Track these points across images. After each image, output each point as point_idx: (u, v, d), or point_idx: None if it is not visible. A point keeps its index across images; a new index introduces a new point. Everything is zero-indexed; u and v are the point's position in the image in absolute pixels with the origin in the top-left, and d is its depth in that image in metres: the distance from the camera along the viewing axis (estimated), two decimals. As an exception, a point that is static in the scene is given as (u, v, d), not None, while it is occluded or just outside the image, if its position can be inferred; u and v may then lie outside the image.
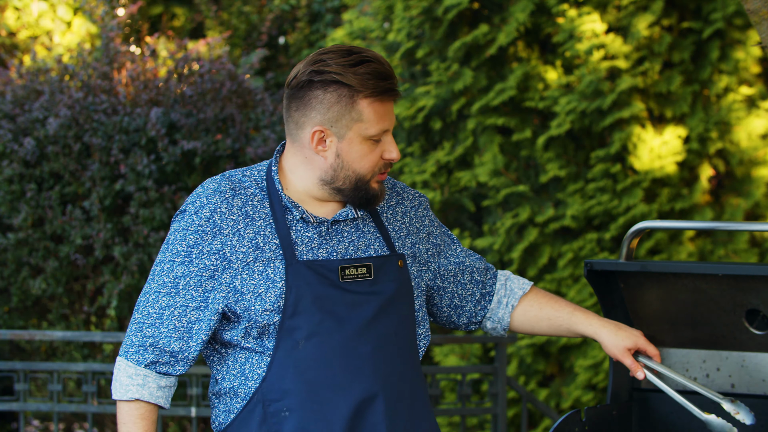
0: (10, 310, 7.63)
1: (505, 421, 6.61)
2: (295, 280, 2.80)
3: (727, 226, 4.25)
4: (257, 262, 2.81)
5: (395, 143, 2.85)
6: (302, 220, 2.85)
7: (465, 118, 7.88)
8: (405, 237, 2.96)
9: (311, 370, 2.79)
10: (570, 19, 7.45)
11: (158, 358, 2.83)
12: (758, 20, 3.30)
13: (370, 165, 2.83)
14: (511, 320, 3.10)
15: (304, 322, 2.79)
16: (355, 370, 2.80)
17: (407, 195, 3.03)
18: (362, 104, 2.79)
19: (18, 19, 10.68)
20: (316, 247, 2.84)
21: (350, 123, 2.80)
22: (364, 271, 2.85)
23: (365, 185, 2.84)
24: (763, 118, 7.54)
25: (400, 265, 2.90)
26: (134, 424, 2.82)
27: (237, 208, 2.84)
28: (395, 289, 2.88)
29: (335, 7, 11.92)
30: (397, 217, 2.98)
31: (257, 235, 2.82)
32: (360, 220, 2.91)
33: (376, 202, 2.88)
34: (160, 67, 7.90)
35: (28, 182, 7.46)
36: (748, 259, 7.42)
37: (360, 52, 2.80)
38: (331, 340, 2.80)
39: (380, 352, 2.83)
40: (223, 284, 2.81)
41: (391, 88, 2.80)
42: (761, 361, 3.34)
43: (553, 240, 7.62)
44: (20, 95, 7.74)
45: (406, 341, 2.89)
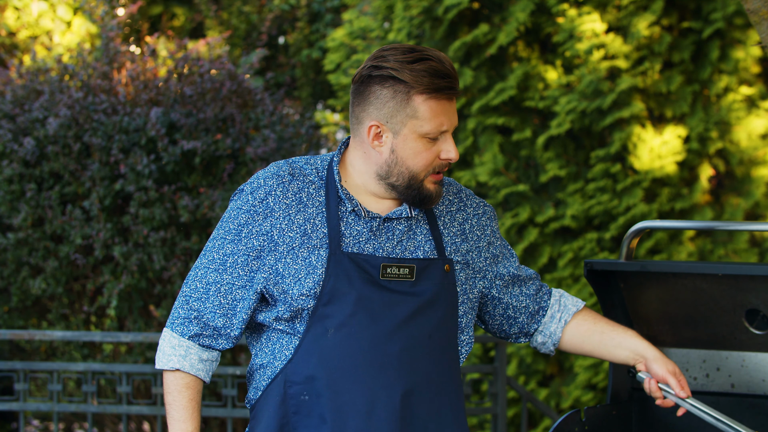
0: (10, 310, 7.63)
1: (505, 420, 6.61)
2: (335, 270, 2.82)
3: (727, 226, 4.25)
4: (302, 248, 2.83)
5: (454, 144, 2.85)
6: (354, 213, 2.87)
7: (465, 117, 7.88)
8: (460, 243, 2.95)
9: (335, 360, 2.80)
10: (570, 18, 7.45)
11: (202, 331, 2.86)
12: (758, 20, 3.30)
13: (424, 163, 2.84)
14: (562, 335, 3.08)
15: (337, 312, 2.81)
16: (379, 367, 2.81)
17: (471, 202, 3.03)
18: (417, 101, 2.80)
19: (18, 19, 10.69)
20: (364, 242, 2.85)
21: (405, 119, 2.81)
22: (406, 272, 2.85)
23: (419, 183, 2.85)
24: (763, 118, 7.54)
25: (446, 269, 2.90)
26: (179, 392, 2.86)
27: (292, 193, 2.86)
28: (436, 293, 2.88)
29: (335, 6, 11.93)
30: (455, 222, 2.97)
31: (307, 222, 2.85)
32: (414, 221, 2.91)
33: (431, 203, 2.88)
34: (160, 67, 7.90)
35: (28, 182, 7.46)
36: (748, 259, 7.42)
37: (421, 51, 2.82)
38: (360, 333, 2.81)
39: (409, 354, 2.83)
40: (266, 266, 2.84)
41: (448, 87, 2.80)
42: (761, 361, 3.34)
43: (553, 240, 7.62)
44: (20, 95, 7.73)
45: (442, 346, 2.89)
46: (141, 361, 7.29)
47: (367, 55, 8.56)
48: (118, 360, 7.54)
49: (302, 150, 7.96)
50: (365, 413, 2.80)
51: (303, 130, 8.09)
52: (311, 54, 11.79)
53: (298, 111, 10.06)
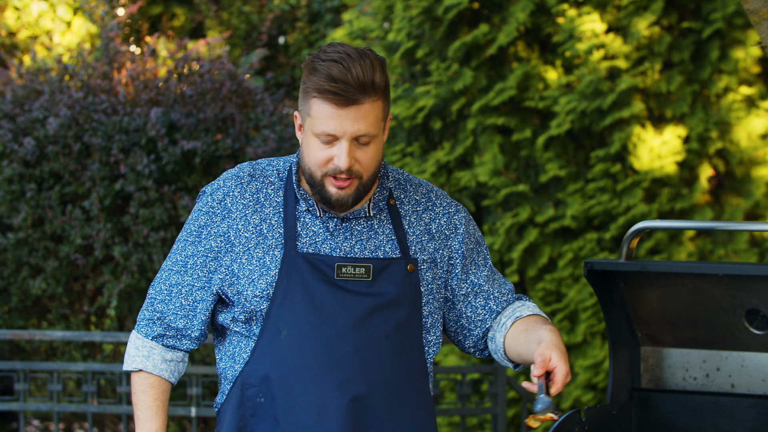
0: (10, 310, 7.63)
1: (505, 421, 6.61)
2: (288, 270, 2.81)
3: (727, 226, 4.25)
4: (258, 248, 2.83)
5: (348, 153, 2.77)
6: (310, 212, 2.86)
7: (465, 118, 7.88)
8: (427, 242, 2.91)
9: (288, 361, 2.80)
10: (570, 19, 7.45)
11: (165, 332, 2.90)
12: (758, 20, 3.30)
13: (315, 162, 2.80)
14: (504, 342, 2.95)
15: (290, 313, 2.81)
16: (331, 368, 2.79)
17: (441, 202, 2.97)
18: (312, 99, 2.77)
19: (18, 19, 10.69)
20: (320, 242, 2.84)
21: (305, 115, 2.80)
22: (362, 272, 2.83)
23: (318, 183, 2.81)
24: (762, 118, 7.54)
25: (409, 269, 2.87)
26: (143, 392, 2.90)
27: (249, 194, 2.87)
28: (396, 292, 2.85)
29: (335, 6, 11.93)
30: (421, 222, 2.93)
31: (263, 222, 2.85)
32: (376, 221, 2.88)
33: (334, 207, 2.82)
34: (160, 67, 7.90)
35: (28, 182, 7.46)
36: (748, 259, 7.42)
37: (342, 54, 2.77)
38: (312, 334, 2.80)
39: (362, 355, 2.80)
40: (223, 266, 2.85)
41: (335, 93, 2.73)
42: (761, 361, 3.34)
43: (553, 240, 7.62)
44: (20, 95, 7.74)
45: (402, 346, 2.85)
46: (141, 361, 7.28)
47: (367, 55, 8.57)
48: (118, 360, 7.54)
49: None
50: (316, 414, 2.78)
51: (303, 130, 8.08)
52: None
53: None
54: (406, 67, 8.14)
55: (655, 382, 3.49)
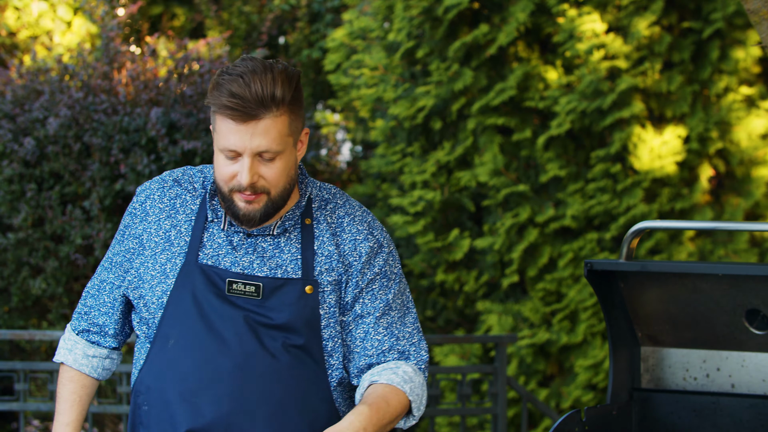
0: (10, 310, 7.63)
1: (505, 421, 6.61)
2: (183, 280, 2.80)
3: (727, 226, 4.25)
4: (163, 254, 2.84)
5: (249, 170, 2.73)
6: (215, 224, 2.84)
7: (465, 118, 7.88)
8: (335, 264, 2.84)
9: (171, 371, 2.79)
10: (570, 19, 7.45)
11: (89, 327, 2.93)
12: (758, 20, 3.31)
13: (221, 177, 2.76)
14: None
15: (179, 323, 2.80)
16: (208, 382, 2.76)
17: (351, 228, 2.87)
18: (215, 115, 2.75)
19: (18, 19, 10.69)
20: (222, 255, 2.82)
21: (213, 131, 2.79)
22: (252, 290, 2.79)
23: (227, 198, 2.77)
24: (763, 118, 7.54)
25: (307, 291, 2.81)
26: (62, 385, 2.94)
27: (168, 199, 2.87)
28: (289, 314, 2.80)
29: (335, 7, 11.93)
30: (332, 244, 2.85)
31: (173, 228, 2.85)
32: (284, 239, 2.84)
33: (243, 222, 2.78)
34: (160, 67, 7.90)
35: (28, 182, 7.46)
36: (748, 259, 7.42)
37: (247, 68, 2.72)
38: (196, 346, 2.78)
39: (242, 372, 2.76)
40: (134, 269, 2.87)
41: (233, 108, 2.70)
42: (761, 361, 3.34)
43: (553, 240, 7.62)
44: (20, 95, 7.74)
45: (292, 367, 2.79)
46: (141, 361, 7.29)
47: (368, 55, 8.57)
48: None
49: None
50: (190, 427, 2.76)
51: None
52: (311, 54, 11.79)
53: (298, 111, 10.05)
54: (406, 67, 8.14)
55: (655, 382, 3.49)
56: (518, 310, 7.69)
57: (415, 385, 2.81)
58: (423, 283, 8.23)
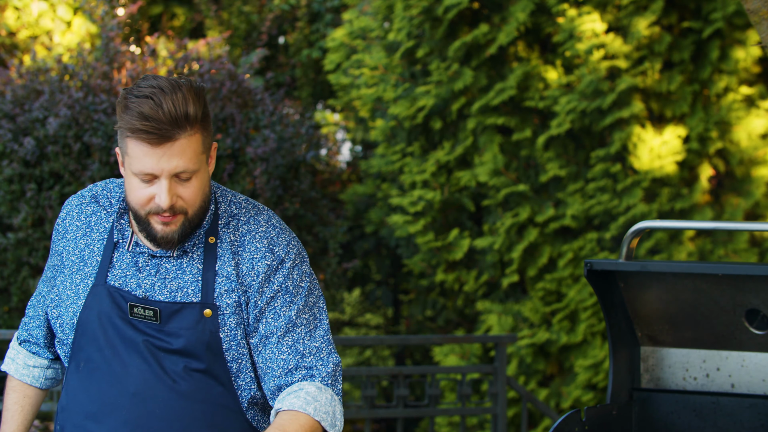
0: (10, 310, 7.63)
1: (505, 420, 6.61)
2: (91, 302, 2.76)
3: (727, 226, 4.25)
4: (77, 274, 2.80)
5: (168, 191, 2.67)
6: (121, 244, 2.80)
7: (465, 117, 7.88)
8: (234, 285, 2.76)
9: (78, 394, 2.76)
10: (570, 18, 7.45)
11: (28, 338, 2.92)
12: (758, 20, 3.31)
13: (136, 200, 2.69)
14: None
15: (86, 346, 2.76)
16: (111, 407, 2.73)
17: (251, 247, 2.79)
18: (127, 139, 2.67)
19: (18, 18, 10.69)
20: (129, 276, 2.77)
21: (124, 154, 2.70)
22: (150, 314, 2.74)
23: (143, 220, 2.72)
24: (762, 118, 7.54)
25: (206, 314, 2.74)
26: (7, 394, 2.92)
27: (84, 216, 2.83)
28: (188, 337, 2.73)
29: (335, 6, 11.92)
30: (231, 264, 2.78)
31: (87, 248, 2.81)
32: (186, 259, 2.77)
33: (160, 244, 2.73)
34: (160, 66, 7.90)
35: (28, 182, 7.46)
36: (748, 259, 7.42)
37: (154, 89, 2.66)
38: (100, 371, 2.75)
39: (142, 397, 2.72)
40: (56, 286, 2.84)
41: (146, 131, 2.62)
42: (761, 361, 3.34)
43: (553, 240, 7.62)
44: (20, 95, 7.74)
45: (196, 391, 2.74)
46: (141, 361, 7.29)
47: (368, 55, 8.57)
48: (118, 360, 7.56)
49: (302, 150, 7.96)
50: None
51: (303, 130, 8.09)
52: (311, 54, 11.79)
53: (298, 111, 10.07)
54: (406, 67, 8.14)
55: (655, 382, 3.49)
56: (518, 310, 7.69)
57: (320, 404, 2.72)
58: (423, 282, 8.23)
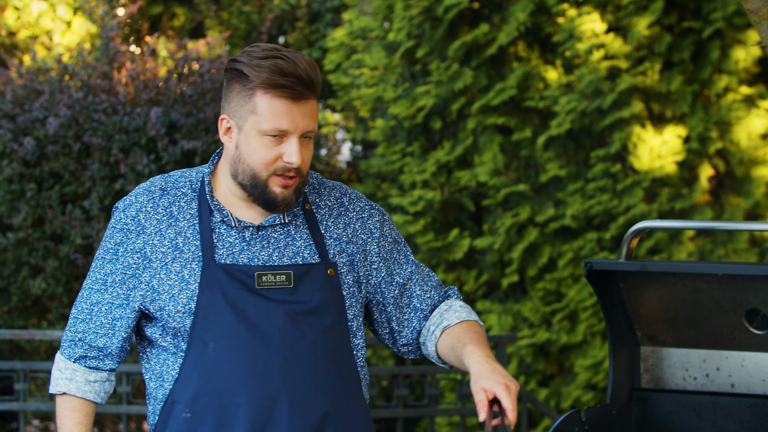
0: (10, 310, 7.63)
1: (505, 420, 6.60)
2: (208, 283, 2.77)
3: (727, 225, 4.25)
4: (175, 262, 2.80)
5: (299, 149, 2.74)
6: (224, 223, 2.82)
7: (465, 117, 7.88)
8: (345, 245, 2.87)
9: (218, 374, 2.77)
10: (570, 18, 7.45)
11: (87, 353, 2.87)
12: (758, 20, 3.31)
13: (262, 161, 2.75)
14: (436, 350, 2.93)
15: (214, 325, 2.77)
16: (261, 379, 2.75)
17: (354, 206, 2.93)
18: (257, 96, 2.74)
19: (18, 18, 10.69)
20: (238, 252, 2.80)
21: (247, 114, 2.76)
22: (283, 279, 2.79)
23: (262, 183, 2.76)
24: (762, 118, 7.54)
25: (329, 273, 2.83)
26: (66, 416, 2.90)
27: (162, 208, 2.84)
28: (319, 298, 2.81)
29: (335, 6, 11.93)
30: (338, 225, 2.88)
31: (178, 236, 2.81)
32: (293, 226, 2.84)
33: (277, 208, 2.79)
34: (160, 66, 7.90)
35: (28, 182, 7.46)
36: (748, 259, 7.42)
37: (279, 50, 2.74)
38: (240, 345, 2.76)
39: (291, 362, 2.77)
40: (143, 283, 2.82)
41: (288, 86, 2.71)
42: (761, 361, 3.34)
43: (553, 240, 7.62)
44: (20, 95, 7.74)
45: (330, 352, 2.82)
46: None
47: (368, 55, 8.57)
48: (118, 360, 7.55)
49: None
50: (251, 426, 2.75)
51: (303, 129, 8.08)
52: (311, 54, 11.79)
53: (298, 111, 10.05)
54: (406, 67, 8.14)
55: (655, 382, 3.49)
56: (518, 310, 7.69)
57: (470, 310, 2.93)
58: (423, 282, 8.22)
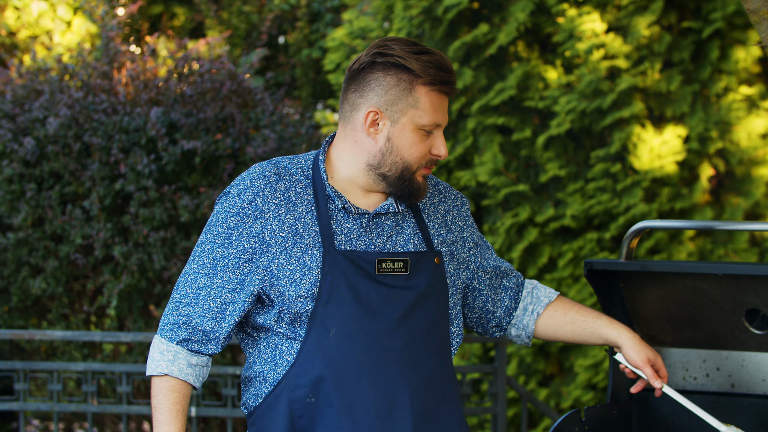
0: (10, 310, 7.63)
1: (505, 420, 6.61)
2: (331, 269, 2.81)
3: (727, 225, 4.25)
4: (295, 247, 2.82)
5: (444, 141, 2.87)
6: (344, 210, 2.86)
7: (465, 117, 7.88)
8: (446, 234, 2.96)
9: (339, 359, 2.80)
10: (570, 18, 7.45)
11: (191, 336, 2.85)
12: (758, 20, 3.31)
13: (418, 155, 2.84)
14: (535, 327, 3.08)
15: (337, 311, 2.80)
16: (384, 363, 2.80)
17: (449, 194, 3.03)
18: (420, 91, 2.82)
19: (18, 18, 10.69)
20: (355, 238, 2.85)
21: (405, 108, 2.82)
22: (400, 266, 2.86)
23: (410, 176, 2.85)
24: (763, 118, 7.54)
25: (436, 262, 2.90)
26: (164, 396, 2.85)
27: (280, 193, 2.85)
28: (430, 285, 2.88)
29: (335, 6, 11.93)
30: (438, 214, 2.98)
31: (297, 221, 2.84)
32: (400, 216, 2.91)
33: (418, 197, 2.88)
34: (160, 66, 7.90)
35: (28, 182, 7.46)
36: (748, 259, 7.42)
37: (424, 46, 2.86)
38: (361, 331, 2.81)
39: (410, 348, 2.83)
40: (260, 267, 2.83)
41: (449, 81, 2.84)
42: (761, 361, 3.34)
43: (553, 240, 7.62)
44: (20, 95, 7.73)
45: (438, 338, 2.90)
46: (141, 360, 7.29)
47: (367, 54, 8.56)
48: (118, 360, 7.55)
49: (302, 150, 7.96)
50: (375, 411, 2.80)
51: (303, 129, 8.09)
52: (311, 54, 11.79)
53: (298, 111, 10.07)
54: (406, 67, 8.14)
55: (655, 382, 3.49)
56: (518, 310, 7.69)
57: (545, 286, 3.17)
58: (423, 282, 8.22)
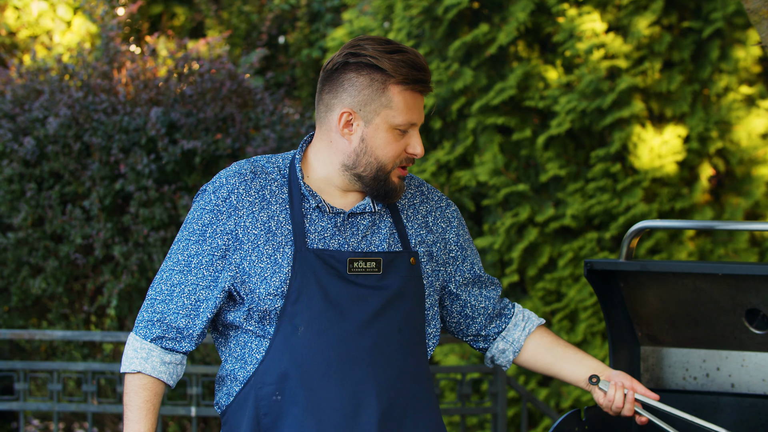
0: (10, 310, 7.63)
1: (505, 420, 6.61)
2: (301, 267, 2.81)
3: (727, 225, 4.25)
4: (267, 245, 2.83)
5: (421, 140, 2.86)
6: (318, 209, 2.86)
7: (465, 117, 7.88)
8: (425, 235, 2.95)
9: (307, 357, 2.80)
10: (570, 18, 7.45)
11: (165, 333, 2.86)
12: (758, 20, 3.30)
13: (392, 154, 2.84)
14: (525, 344, 3.08)
15: (306, 309, 2.81)
16: (352, 363, 2.80)
17: (433, 195, 3.02)
18: (393, 90, 2.81)
19: (18, 18, 10.69)
20: (329, 237, 2.85)
21: (379, 108, 2.81)
22: (372, 266, 2.85)
23: (385, 176, 2.85)
24: (763, 118, 7.53)
25: (412, 262, 2.90)
26: (136, 393, 2.85)
27: (254, 191, 2.86)
28: (403, 285, 2.88)
29: (335, 6, 11.93)
30: (419, 215, 2.97)
31: (271, 219, 2.85)
32: (377, 215, 2.90)
33: (394, 197, 2.88)
34: (160, 66, 7.90)
35: (28, 182, 7.46)
36: (748, 259, 7.42)
37: (398, 44, 2.84)
38: (330, 330, 2.81)
39: (380, 348, 2.83)
40: (232, 264, 2.84)
41: (422, 80, 2.81)
42: (761, 360, 3.34)
43: (553, 239, 7.62)
44: (20, 95, 7.73)
45: (411, 339, 2.89)
46: (141, 360, 7.28)
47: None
48: (118, 360, 7.54)
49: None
50: (349, 411, 2.79)
51: (303, 129, 8.09)
52: (311, 54, 11.79)
53: (298, 111, 10.07)
54: (406, 67, 8.14)
55: (655, 382, 3.49)
56: (518, 310, 7.68)
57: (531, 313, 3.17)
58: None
